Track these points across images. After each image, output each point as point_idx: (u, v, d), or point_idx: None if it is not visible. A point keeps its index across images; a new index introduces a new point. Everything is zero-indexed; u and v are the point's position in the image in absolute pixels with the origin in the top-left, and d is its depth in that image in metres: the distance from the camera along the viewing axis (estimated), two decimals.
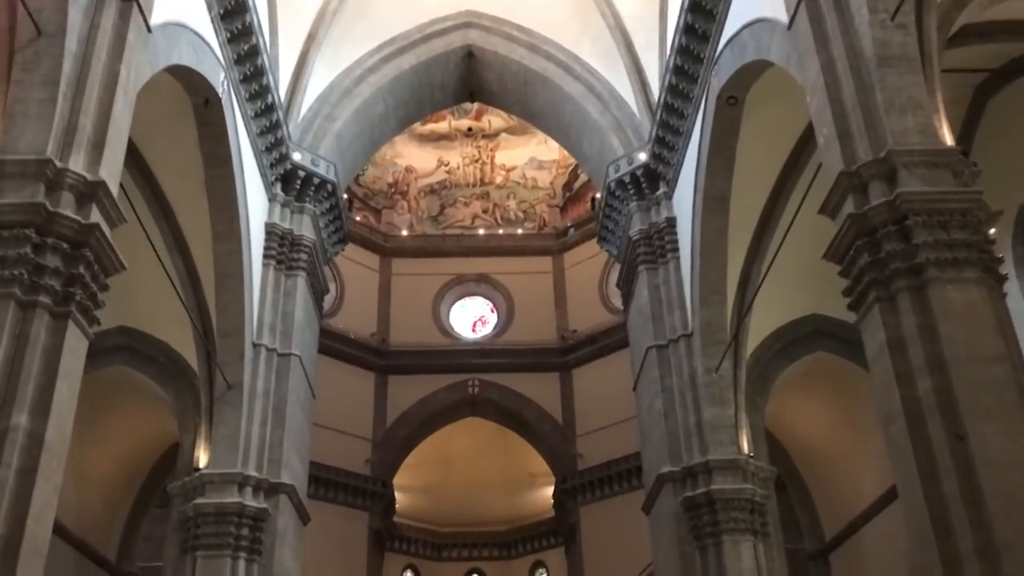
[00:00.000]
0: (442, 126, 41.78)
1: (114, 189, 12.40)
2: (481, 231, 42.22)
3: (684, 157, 21.85)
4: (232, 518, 19.28)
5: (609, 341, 37.00)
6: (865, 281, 11.89)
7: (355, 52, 25.08)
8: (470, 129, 41.83)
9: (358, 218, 40.52)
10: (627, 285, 24.64)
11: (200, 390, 20.67)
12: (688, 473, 20.49)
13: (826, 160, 13.11)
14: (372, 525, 35.60)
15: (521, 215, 42.70)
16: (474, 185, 42.72)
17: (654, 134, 22.68)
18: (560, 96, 25.34)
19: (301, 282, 22.78)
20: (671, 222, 22.74)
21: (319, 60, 24.19)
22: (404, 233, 41.75)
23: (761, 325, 21.62)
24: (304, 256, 22.93)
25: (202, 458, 20.09)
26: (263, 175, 22.19)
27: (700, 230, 20.48)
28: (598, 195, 25.09)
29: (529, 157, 42.21)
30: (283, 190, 23.02)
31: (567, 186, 42.20)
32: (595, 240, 39.39)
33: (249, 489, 19.90)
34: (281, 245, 22.52)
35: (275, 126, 21.73)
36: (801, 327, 22.10)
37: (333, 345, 36.28)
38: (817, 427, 24.12)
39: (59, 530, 21.94)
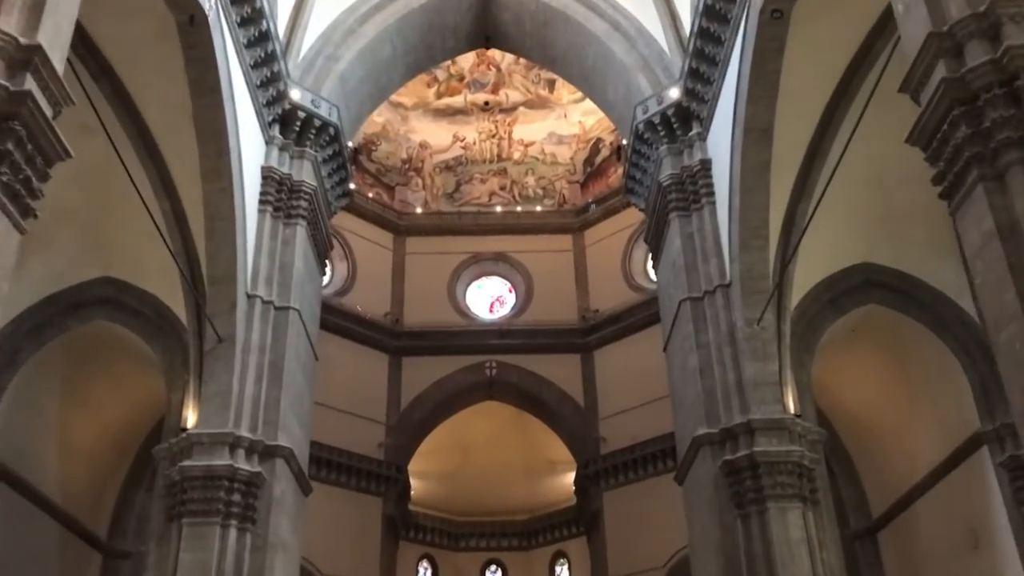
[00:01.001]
0: (457, 100, 39.91)
1: (58, 63, 10.24)
2: (498, 208, 40.11)
3: (721, 90, 19.54)
4: (222, 482, 17.07)
5: (633, 320, 35.14)
6: (964, 159, 9.54)
7: None
8: (487, 103, 39.91)
9: (371, 195, 38.61)
10: (656, 238, 22.30)
11: (189, 344, 18.50)
12: (727, 435, 18.14)
13: (907, 29, 10.78)
14: (386, 511, 33.61)
15: (540, 192, 40.55)
16: (491, 161, 40.66)
17: (687, 67, 20.37)
18: (583, 37, 23.07)
19: (301, 231, 20.59)
20: (706, 164, 20.42)
21: None
22: (419, 211, 39.71)
23: (807, 274, 19.28)
24: (304, 204, 20.73)
25: (190, 418, 17.93)
26: (259, 114, 20.04)
27: (740, 166, 18.14)
28: (624, 142, 22.82)
29: (548, 132, 40.19)
30: (281, 133, 20.86)
31: (588, 161, 40.04)
32: (618, 216, 37.87)
33: (241, 451, 17.70)
34: (279, 191, 20.33)
35: (271, 58, 19.56)
36: (851, 276, 19.72)
37: (345, 325, 34.64)
38: (865, 392, 21.67)
39: (41, 502, 20.01)
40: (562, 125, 39.95)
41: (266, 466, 18.05)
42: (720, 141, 19.66)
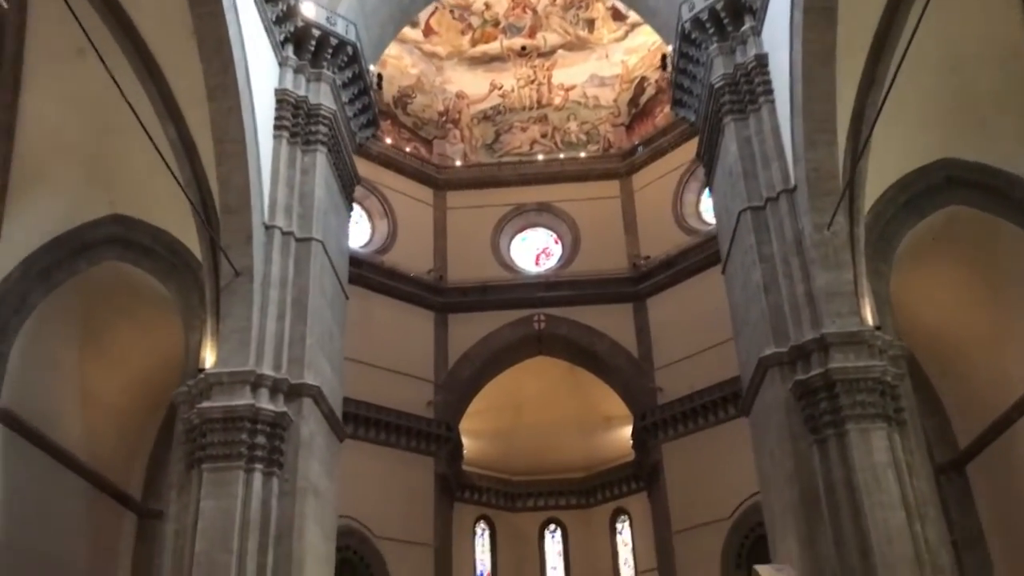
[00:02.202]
0: (493, 47, 38.09)
1: None
2: (540, 157, 38.17)
3: None
4: (244, 423, 15.48)
5: (686, 264, 33.33)
6: None
7: None
8: (524, 48, 37.99)
9: (408, 149, 37.06)
10: (709, 151, 20.16)
11: (204, 281, 16.89)
12: (799, 353, 16.05)
13: None
14: (438, 470, 32.22)
15: (583, 137, 38.49)
16: (531, 108, 38.72)
17: None
18: None
19: (321, 159, 18.83)
20: (761, 60, 18.21)
21: None
22: (458, 163, 37.95)
23: (881, 173, 17.03)
24: (323, 128, 18.97)
25: (209, 358, 16.34)
26: (268, 31, 18.26)
27: (802, 54, 15.88)
28: (668, 49, 20.67)
29: (590, 74, 38.12)
30: (295, 54, 19.11)
31: (632, 102, 37.91)
32: (666, 157, 35.77)
33: (264, 391, 16.10)
34: (295, 115, 18.60)
35: None
36: (930, 174, 17.40)
37: (388, 283, 33.47)
38: (948, 307, 19.32)
39: (66, 459, 18.70)
40: (604, 66, 37.87)
41: (292, 406, 16.44)
42: (777, 32, 17.47)
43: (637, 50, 37.03)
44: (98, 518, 19.92)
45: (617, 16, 37.02)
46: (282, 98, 18.46)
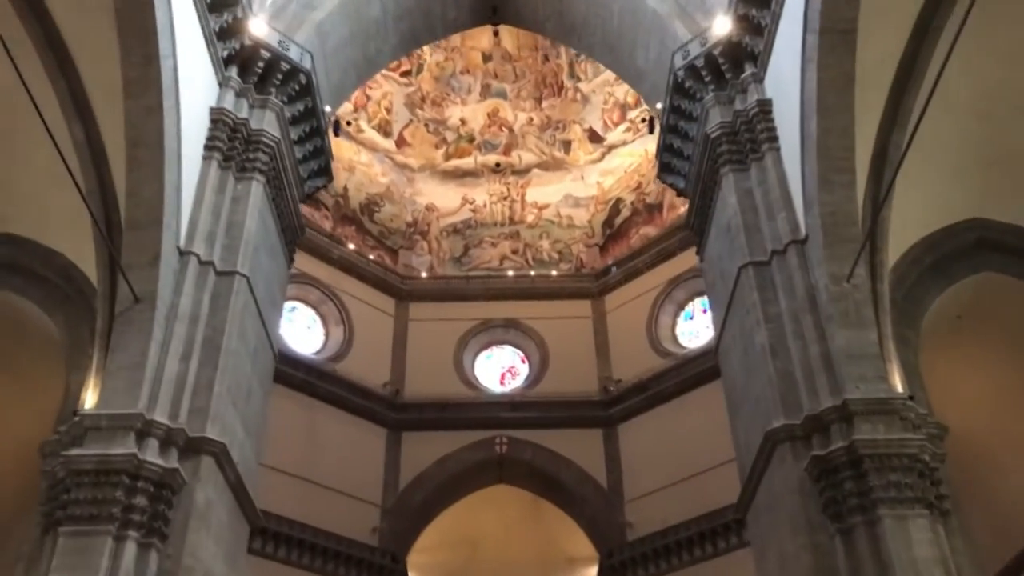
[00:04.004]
0: (467, 162, 36.45)
1: None
2: (510, 273, 35.52)
3: (783, 6, 15.15)
4: (121, 478, 11.85)
5: (661, 388, 30.26)
6: None
7: None
8: (498, 165, 36.43)
9: (372, 257, 34.36)
10: (700, 214, 17.51)
11: (98, 309, 13.58)
12: (815, 425, 12.88)
13: None
14: None
15: (556, 256, 36.07)
16: (502, 224, 36.50)
17: None
18: None
19: (257, 188, 15.85)
20: (764, 105, 15.84)
21: None
22: (423, 275, 35.18)
23: (904, 229, 14.43)
24: (263, 157, 16.10)
25: (90, 398, 12.85)
26: (209, 42, 15.63)
27: (816, 80, 13.53)
28: (658, 106, 18.35)
29: (564, 194, 36.24)
30: (240, 76, 16.52)
31: (607, 223, 35.80)
32: (641, 278, 33.43)
33: (153, 441, 12.51)
34: (231, 138, 15.77)
35: None
36: (959, 235, 14.83)
37: (338, 393, 29.91)
38: (976, 400, 16.13)
39: None
40: (579, 187, 36.16)
41: (187, 465, 12.81)
42: (784, 75, 15.19)
43: (613, 172, 35.55)
44: None
45: (594, 138, 35.86)
46: (218, 118, 15.72)
